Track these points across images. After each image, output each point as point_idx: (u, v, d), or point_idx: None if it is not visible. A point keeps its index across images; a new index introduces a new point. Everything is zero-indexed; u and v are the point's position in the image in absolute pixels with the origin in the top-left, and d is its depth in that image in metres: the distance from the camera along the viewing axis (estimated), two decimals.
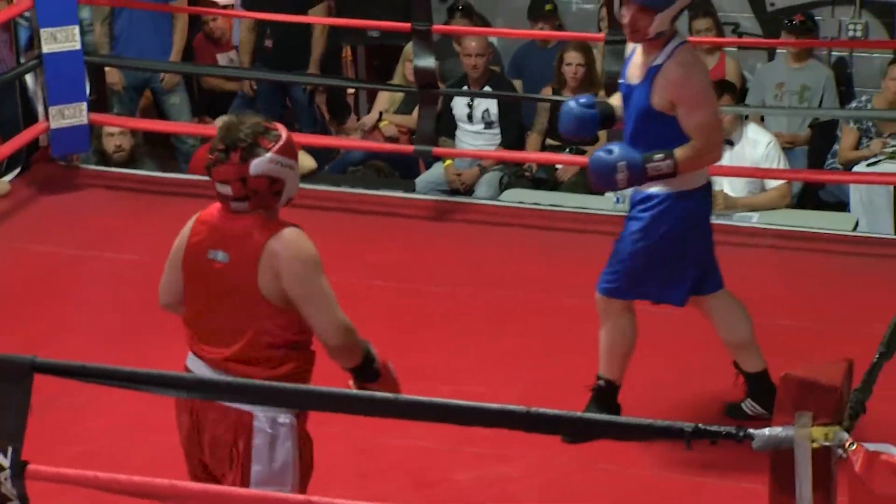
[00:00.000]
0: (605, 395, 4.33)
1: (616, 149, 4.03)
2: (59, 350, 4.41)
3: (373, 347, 3.27)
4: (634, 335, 4.32)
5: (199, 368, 3.24)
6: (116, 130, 6.99)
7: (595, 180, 4.14)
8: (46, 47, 6.39)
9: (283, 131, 3.20)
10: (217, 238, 3.19)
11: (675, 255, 4.19)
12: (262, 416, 3.12)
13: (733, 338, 4.40)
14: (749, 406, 4.46)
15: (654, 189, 4.11)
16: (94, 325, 5.28)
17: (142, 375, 3.01)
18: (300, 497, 2.98)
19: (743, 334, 4.39)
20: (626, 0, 4.03)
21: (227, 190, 3.16)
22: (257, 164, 3.12)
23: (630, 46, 4.22)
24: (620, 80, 4.24)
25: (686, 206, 4.15)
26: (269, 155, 3.13)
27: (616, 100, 4.33)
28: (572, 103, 4.27)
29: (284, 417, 3.14)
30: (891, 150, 6.71)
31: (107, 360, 3.35)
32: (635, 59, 4.15)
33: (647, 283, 4.23)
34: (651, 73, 4.04)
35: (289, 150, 3.18)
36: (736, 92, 6.71)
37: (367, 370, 3.23)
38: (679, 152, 4.00)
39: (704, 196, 4.22)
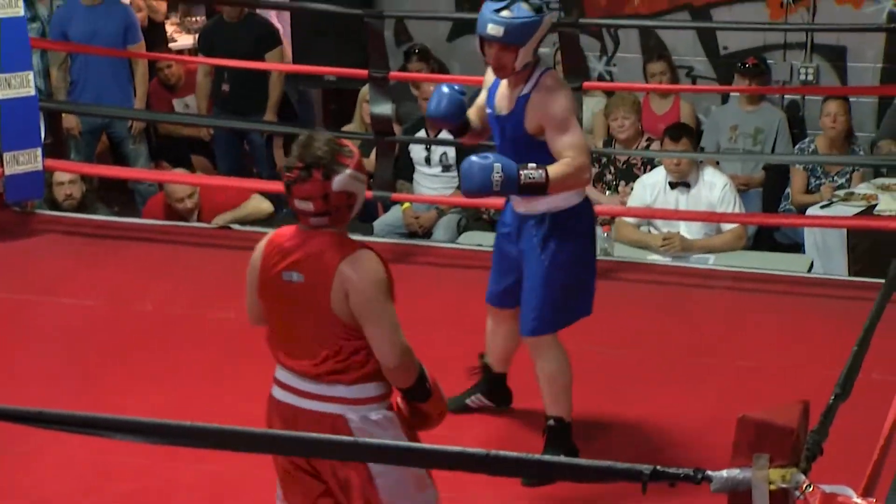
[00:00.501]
0: (559, 434, 4.31)
1: (490, 155, 4.04)
2: (12, 396, 4.38)
3: (425, 368, 3.34)
4: (569, 366, 4.30)
5: (289, 380, 3.32)
6: (66, 179, 6.97)
7: (470, 181, 3.99)
8: (1, 93, 6.37)
9: (352, 146, 3.33)
10: (292, 259, 3.28)
11: (579, 270, 4.23)
12: (354, 416, 3.24)
13: (513, 346, 4.51)
14: (475, 399, 4.65)
15: (545, 208, 4.13)
16: (49, 371, 5.23)
17: (100, 420, 2.98)
18: None
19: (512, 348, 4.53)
20: (487, 40, 4.08)
21: (308, 206, 3.24)
22: (339, 181, 3.22)
23: (491, 76, 4.26)
24: (489, 110, 4.27)
25: (582, 218, 4.20)
26: (349, 171, 3.24)
27: (472, 114, 4.39)
28: (445, 87, 4.30)
29: (377, 414, 3.27)
30: (843, 192, 6.79)
31: (62, 406, 3.32)
32: (501, 90, 4.21)
33: (565, 307, 4.23)
34: (521, 103, 4.10)
35: (362, 166, 3.31)
36: (693, 135, 6.78)
37: (419, 390, 3.32)
38: (551, 167, 4.01)
39: (587, 209, 4.26)
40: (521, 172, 3.95)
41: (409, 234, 7.06)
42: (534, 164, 3.97)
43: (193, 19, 9.42)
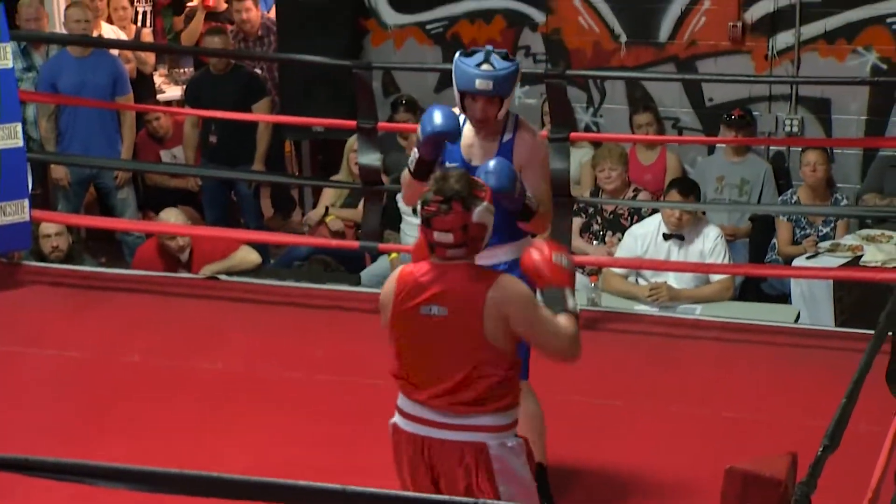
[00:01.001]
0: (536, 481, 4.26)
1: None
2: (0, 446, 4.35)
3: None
4: (541, 410, 4.26)
5: (419, 411, 3.50)
6: (53, 231, 6.96)
7: (501, 177, 3.96)
8: None
9: (481, 180, 3.55)
10: (431, 293, 3.44)
11: None
12: (494, 443, 3.44)
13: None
14: None
15: (503, 258, 4.13)
16: (34, 421, 5.20)
17: (86, 468, 2.97)
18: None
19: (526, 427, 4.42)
20: (473, 95, 4.12)
21: (447, 238, 3.42)
22: (478, 212, 3.42)
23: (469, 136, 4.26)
24: (453, 164, 4.20)
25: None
26: (485, 203, 3.44)
27: None
28: (437, 107, 4.19)
29: (512, 441, 3.48)
30: (828, 243, 6.82)
31: (50, 455, 3.30)
32: (468, 141, 4.22)
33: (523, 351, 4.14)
34: (506, 148, 4.17)
35: (492, 199, 3.51)
36: (699, 192, 6.81)
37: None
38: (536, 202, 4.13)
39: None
40: (526, 192, 4.07)
41: None
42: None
43: (181, 71, 9.45)
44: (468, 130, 4.24)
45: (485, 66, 4.10)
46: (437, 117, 4.17)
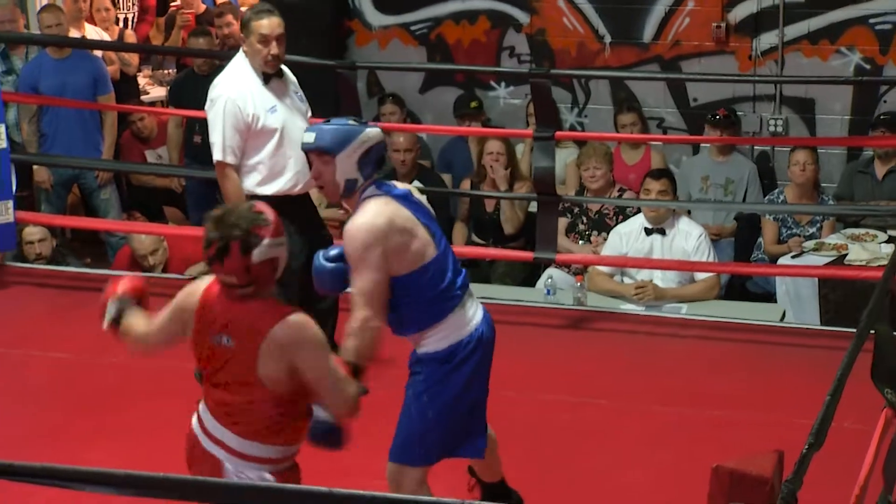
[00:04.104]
0: None
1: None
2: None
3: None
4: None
5: (203, 411, 3.43)
6: (36, 238, 6.94)
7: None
8: None
9: (269, 213, 3.36)
10: (223, 322, 3.35)
11: (455, 409, 3.94)
12: (231, 466, 3.33)
13: (493, 471, 4.29)
14: None
15: (423, 351, 3.91)
16: (18, 423, 5.19)
17: (69, 472, 2.96)
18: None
19: (497, 465, 4.29)
20: (308, 154, 3.85)
21: (232, 280, 3.32)
22: (259, 253, 3.29)
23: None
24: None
25: (453, 360, 3.89)
26: (266, 241, 3.29)
27: None
28: (322, 259, 3.91)
29: (254, 473, 3.33)
30: (813, 242, 6.83)
31: (31, 459, 3.29)
32: None
33: (425, 444, 3.96)
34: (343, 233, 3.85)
35: (279, 230, 3.35)
36: (672, 178, 6.81)
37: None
38: (345, 346, 3.74)
39: (471, 343, 3.91)
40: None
41: None
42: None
43: (165, 72, 9.43)
44: None
45: (321, 124, 3.88)
46: (317, 279, 3.90)
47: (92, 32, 8.46)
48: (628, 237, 6.63)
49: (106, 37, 8.60)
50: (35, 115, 7.66)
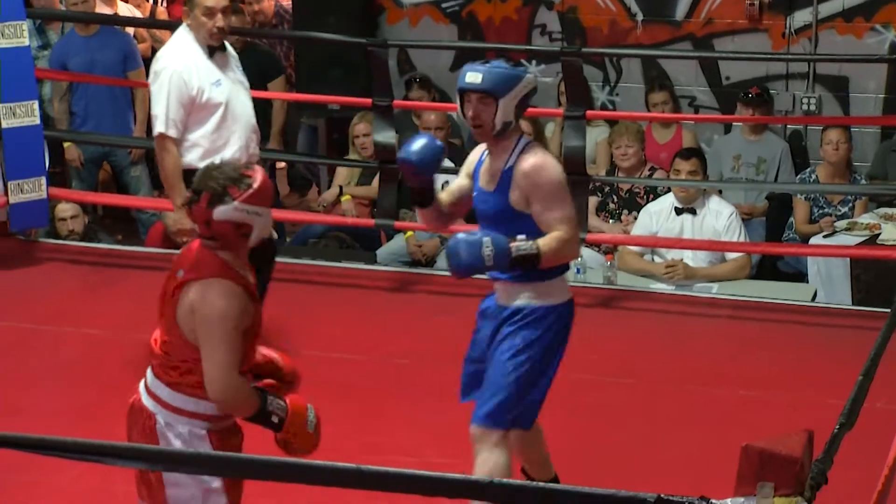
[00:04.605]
0: None
1: (478, 231, 3.89)
2: (13, 424, 4.37)
3: (276, 402, 3.38)
4: (511, 470, 3.99)
5: (149, 371, 3.46)
6: (69, 215, 6.98)
7: (457, 258, 3.85)
8: (6, 122, 6.39)
9: (257, 180, 3.36)
10: (182, 258, 3.45)
11: (545, 373, 3.97)
12: (161, 420, 3.36)
13: (536, 458, 4.22)
14: None
15: (524, 302, 3.93)
16: (53, 400, 5.23)
17: (101, 447, 2.98)
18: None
19: (542, 453, 4.22)
20: (466, 93, 3.89)
21: (197, 228, 3.40)
22: (221, 211, 3.32)
23: (478, 152, 4.09)
24: (475, 192, 4.06)
25: (559, 321, 3.95)
26: (234, 203, 3.32)
27: (443, 193, 4.17)
28: (424, 136, 4.06)
29: (184, 427, 3.35)
30: (845, 222, 6.80)
31: (66, 434, 3.32)
32: (485, 166, 4.01)
33: (517, 405, 3.95)
34: (506, 175, 3.90)
35: (258, 199, 3.35)
36: (703, 157, 6.79)
37: (261, 421, 3.39)
38: (542, 240, 3.83)
39: (571, 311, 4.00)
40: (511, 245, 3.79)
41: (412, 262, 7.06)
42: (523, 237, 3.82)
43: None
44: (487, 154, 4.03)
45: (485, 65, 3.92)
46: (410, 144, 4.00)
47: (124, 9, 8.48)
48: (658, 216, 6.61)
49: (138, 14, 8.62)
50: (66, 93, 7.70)
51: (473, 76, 3.88)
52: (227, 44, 5.36)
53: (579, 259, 6.51)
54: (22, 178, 6.50)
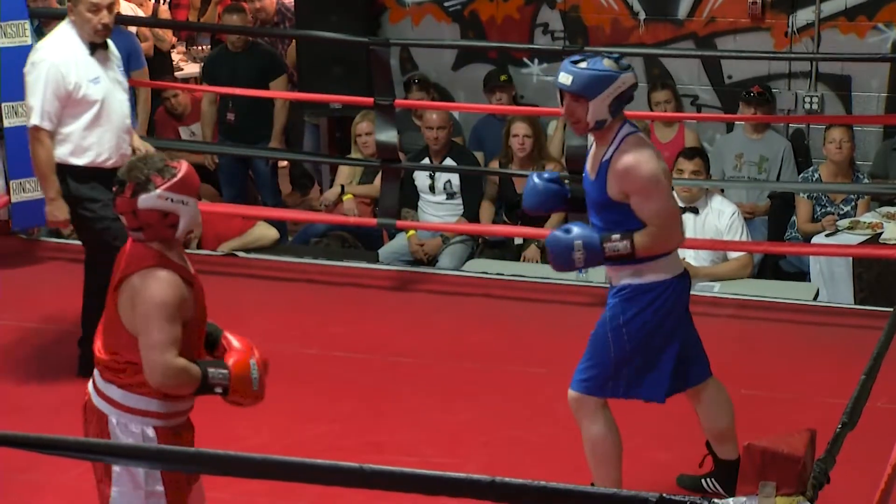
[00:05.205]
0: None
1: (574, 228, 4.02)
2: (16, 423, 4.37)
3: (217, 374, 3.40)
4: (617, 436, 4.17)
5: (97, 372, 3.48)
6: None
7: (553, 260, 4.10)
8: (7, 121, 6.38)
9: (181, 170, 3.42)
10: (118, 261, 3.47)
11: (651, 348, 4.10)
12: (114, 420, 3.39)
13: (713, 426, 4.35)
14: (709, 483, 4.42)
15: (628, 280, 4.07)
16: (55, 399, 5.22)
17: (103, 447, 2.98)
18: None
19: (723, 424, 4.33)
20: (562, 91, 4.04)
21: (124, 221, 3.42)
22: (145, 199, 3.35)
23: (589, 139, 4.23)
24: (583, 177, 4.20)
25: (660, 297, 4.08)
26: (157, 191, 3.36)
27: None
28: (536, 179, 4.28)
29: (136, 426, 3.38)
30: (848, 221, 6.79)
31: (68, 433, 3.32)
32: (592, 152, 4.14)
33: (622, 378, 4.12)
34: (604, 167, 4.02)
35: (181, 188, 3.41)
36: (706, 157, 6.79)
37: (206, 392, 3.42)
38: (637, 235, 3.98)
39: (679, 286, 4.14)
40: (605, 245, 3.97)
41: (414, 261, 7.06)
42: (618, 235, 3.97)
43: (199, 48, 9.45)
44: (594, 142, 4.15)
45: (580, 65, 3.99)
46: (527, 195, 4.27)
47: (127, 9, 8.48)
48: None
49: (141, 13, 8.62)
50: None
51: (565, 77, 4.01)
52: (109, 42, 5.32)
53: None
54: (24, 177, 6.49)
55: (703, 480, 4.44)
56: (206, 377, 3.37)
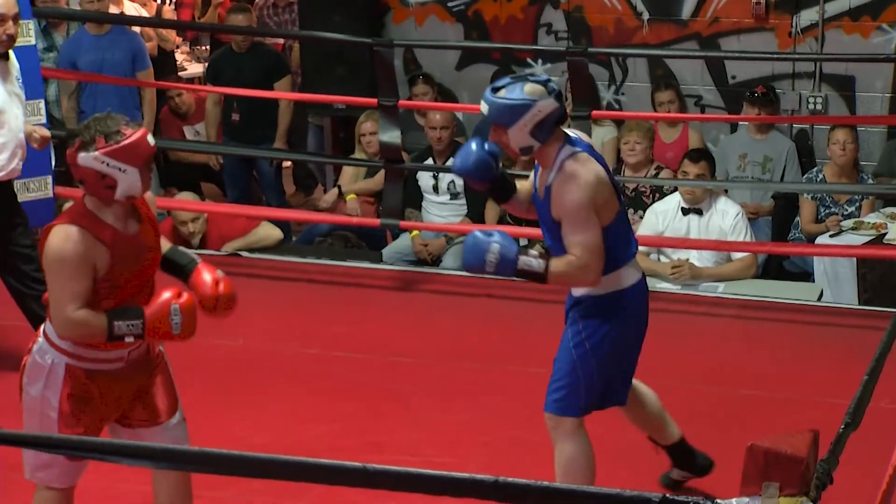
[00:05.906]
0: None
1: (497, 234, 3.92)
2: (18, 424, 4.36)
3: (125, 325, 3.50)
4: (591, 457, 4.08)
5: None
6: None
7: (465, 256, 3.94)
8: None
9: (129, 138, 3.51)
10: None
11: (616, 357, 4.04)
12: (38, 346, 3.60)
13: (645, 422, 4.35)
14: (677, 474, 4.45)
15: (581, 293, 3.99)
16: None
17: (108, 446, 2.98)
18: None
19: (653, 414, 4.33)
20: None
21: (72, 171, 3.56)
22: (83, 158, 3.47)
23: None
24: (534, 194, 4.09)
25: (619, 307, 3.99)
26: (95, 153, 3.46)
27: (526, 183, 4.20)
28: (475, 144, 4.09)
29: (50, 357, 3.57)
30: (852, 221, 6.78)
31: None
32: (539, 172, 4.03)
33: (588, 393, 4.03)
34: (546, 192, 3.92)
35: (121, 155, 3.48)
36: (712, 160, 6.79)
37: (120, 338, 3.53)
38: (555, 260, 3.88)
39: (637, 291, 4.05)
40: (519, 257, 3.85)
41: (417, 261, 7.06)
42: (536, 253, 3.89)
43: (203, 48, 9.45)
44: None
45: (499, 93, 3.90)
46: (460, 157, 4.10)
47: (131, 9, 8.49)
48: (665, 215, 6.61)
49: (144, 13, 8.63)
50: (74, 92, 7.71)
51: (483, 106, 3.96)
52: (11, 53, 5.28)
53: None
54: (28, 176, 6.48)
55: (670, 475, 4.47)
56: (112, 329, 3.49)
